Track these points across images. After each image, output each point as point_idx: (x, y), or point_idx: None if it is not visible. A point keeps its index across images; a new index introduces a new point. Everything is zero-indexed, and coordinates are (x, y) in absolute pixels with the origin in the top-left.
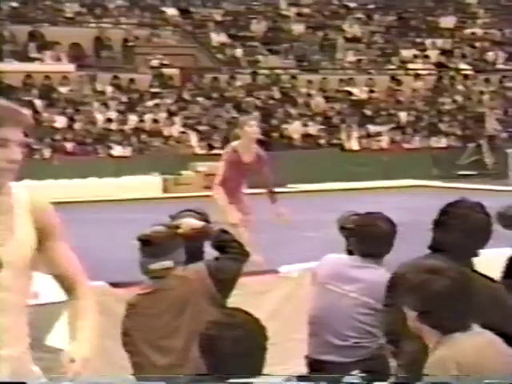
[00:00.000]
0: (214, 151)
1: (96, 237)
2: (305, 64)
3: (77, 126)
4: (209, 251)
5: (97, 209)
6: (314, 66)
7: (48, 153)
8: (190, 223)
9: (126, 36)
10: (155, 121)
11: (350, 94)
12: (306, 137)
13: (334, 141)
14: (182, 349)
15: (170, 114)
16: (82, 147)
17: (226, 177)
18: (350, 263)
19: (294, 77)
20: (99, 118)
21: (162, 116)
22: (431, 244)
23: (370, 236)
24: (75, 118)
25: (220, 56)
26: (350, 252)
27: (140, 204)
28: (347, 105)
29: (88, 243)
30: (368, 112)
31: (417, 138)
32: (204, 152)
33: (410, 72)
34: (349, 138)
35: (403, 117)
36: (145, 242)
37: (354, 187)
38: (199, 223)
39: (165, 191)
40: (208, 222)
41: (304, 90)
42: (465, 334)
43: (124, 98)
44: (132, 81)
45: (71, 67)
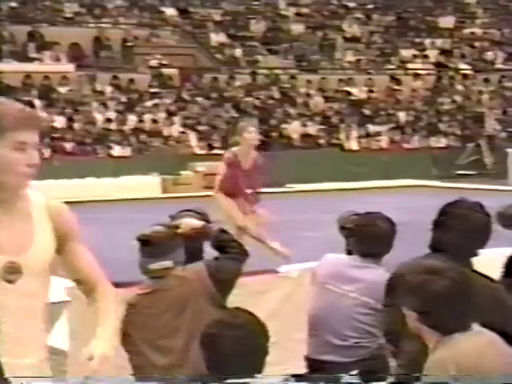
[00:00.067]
0: (214, 151)
1: (95, 237)
2: (304, 64)
3: (76, 126)
4: (209, 251)
5: (96, 209)
6: (313, 66)
7: (47, 153)
8: (189, 223)
9: (126, 36)
10: (154, 121)
11: (349, 93)
12: (305, 137)
13: (334, 141)
14: (182, 349)
15: (170, 114)
16: (82, 147)
17: (227, 181)
18: (349, 263)
19: (293, 77)
20: (98, 118)
21: (161, 116)
22: (431, 244)
23: (369, 236)
24: (74, 118)
25: (219, 56)
26: (349, 252)
27: (139, 204)
28: (346, 105)
29: (87, 243)
30: (367, 112)
31: (416, 137)
32: (203, 152)
33: (410, 72)
34: (348, 137)
35: (402, 117)
36: (144, 242)
37: (354, 187)
38: (199, 223)
39: (164, 191)
40: (208, 221)
41: (303, 90)
42: (464, 335)
43: (123, 98)
44: (131, 81)
45: (70, 67)
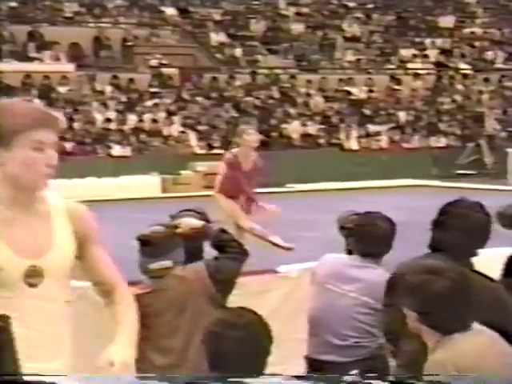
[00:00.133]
0: (214, 151)
1: None
2: (304, 64)
3: (76, 125)
4: (208, 251)
5: (96, 208)
6: (313, 66)
7: None
8: (189, 223)
9: (125, 36)
10: (154, 120)
11: (349, 93)
12: (305, 136)
13: (334, 140)
14: (181, 349)
15: (169, 114)
16: (81, 147)
17: (227, 182)
18: (349, 263)
19: (293, 76)
20: (98, 117)
21: (161, 116)
22: (430, 244)
23: (369, 236)
24: (74, 117)
25: (219, 56)
26: (349, 252)
27: (139, 204)
28: (346, 104)
29: None
30: (367, 112)
31: (416, 137)
32: (203, 152)
33: (410, 71)
34: (348, 137)
35: (402, 116)
36: (144, 242)
37: (354, 187)
38: (198, 223)
39: (164, 191)
40: (207, 221)
41: (303, 90)
42: (464, 335)
43: (123, 98)
44: (131, 80)
45: (70, 67)
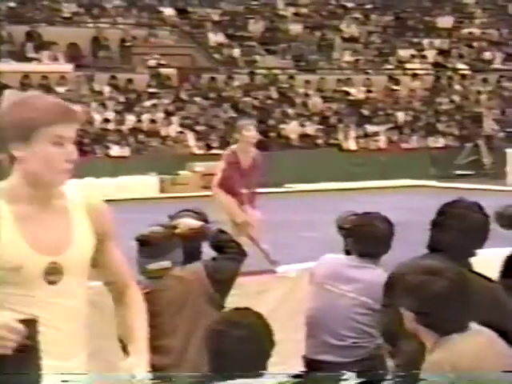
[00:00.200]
0: (212, 151)
1: None
2: (302, 64)
3: None
4: (207, 251)
5: None
6: (311, 66)
7: None
8: (187, 223)
9: (124, 36)
10: (153, 121)
11: (347, 93)
12: (303, 137)
13: (332, 141)
14: (180, 349)
15: (168, 114)
16: (80, 147)
17: (225, 178)
18: (347, 263)
19: (291, 77)
20: (97, 118)
21: (159, 116)
22: (429, 244)
23: (367, 236)
24: None
25: (217, 56)
26: (347, 252)
27: (137, 204)
28: (345, 105)
29: None
30: (365, 112)
31: (414, 137)
32: (201, 152)
33: (408, 72)
34: (346, 137)
35: (401, 117)
36: (142, 243)
37: (352, 187)
38: (197, 223)
39: (162, 191)
40: (206, 221)
41: (302, 90)
42: (462, 335)
43: (121, 98)
44: (129, 81)
45: (69, 67)
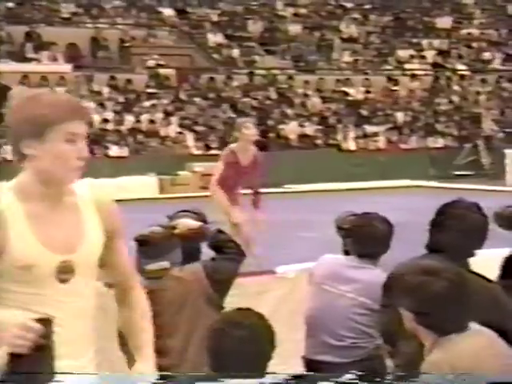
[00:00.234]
0: (211, 151)
1: None
2: (301, 64)
3: None
4: (206, 251)
5: None
6: (310, 67)
7: None
8: (186, 224)
9: (123, 36)
10: (152, 121)
11: (346, 94)
12: (302, 137)
13: (331, 141)
14: (180, 349)
15: (167, 115)
16: None
17: (224, 177)
18: (346, 263)
19: (290, 77)
20: (96, 118)
21: (158, 116)
22: (428, 244)
23: (366, 236)
24: None
25: (216, 56)
26: (346, 252)
27: (136, 204)
28: (344, 105)
29: None
30: (365, 112)
31: (413, 138)
32: (200, 152)
33: (407, 72)
34: (345, 138)
35: (400, 117)
36: (141, 243)
37: (351, 187)
38: (196, 224)
39: (161, 191)
40: (205, 222)
41: (301, 91)
42: (461, 335)
43: (121, 99)
44: (129, 81)
45: (68, 68)
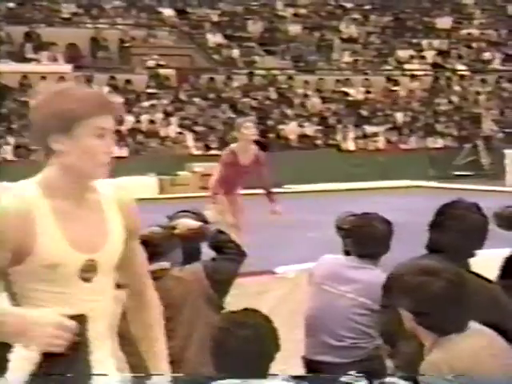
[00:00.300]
0: (211, 152)
1: None
2: (301, 65)
3: None
4: (206, 252)
5: None
6: (310, 67)
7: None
8: (186, 224)
9: (123, 37)
10: (151, 121)
11: (346, 94)
12: (302, 137)
13: (331, 141)
14: (179, 349)
15: (167, 115)
16: None
17: (224, 177)
18: (346, 264)
19: (290, 77)
20: None
21: (158, 117)
22: (428, 245)
23: (366, 237)
24: None
25: (216, 57)
26: (347, 253)
27: (136, 204)
28: (343, 105)
29: None
30: (364, 112)
31: (413, 138)
32: (200, 153)
33: (407, 72)
34: (345, 138)
35: (399, 117)
36: (141, 243)
37: (351, 188)
38: (196, 224)
39: (161, 192)
40: (205, 222)
41: (300, 91)
42: (460, 336)
43: (120, 99)
44: (128, 81)
45: (68, 68)
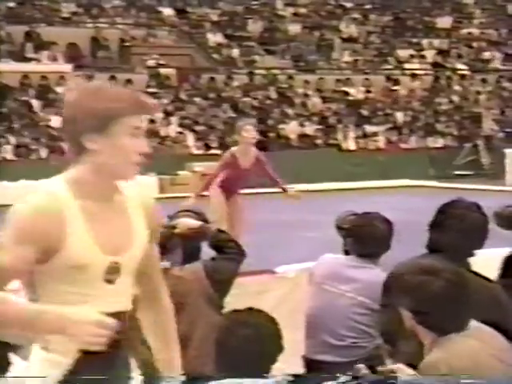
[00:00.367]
0: (211, 151)
1: None
2: (301, 64)
3: None
4: (206, 251)
5: None
6: (310, 66)
7: (45, 153)
8: (186, 223)
9: (123, 36)
10: (152, 121)
11: (346, 94)
12: (302, 137)
13: (331, 141)
14: (179, 349)
15: (167, 114)
16: None
17: (224, 180)
18: (346, 263)
19: (290, 77)
20: None
21: (158, 116)
22: (428, 244)
23: (366, 236)
24: None
25: (216, 56)
26: (347, 252)
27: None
28: (344, 105)
29: None
30: (365, 112)
31: (413, 138)
32: (201, 152)
33: (407, 72)
34: (345, 138)
35: (400, 117)
36: None
37: (351, 187)
38: (196, 223)
39: (161, 191)
40: (205, 221)
41: (301, 90)
42: (461, 335)
43: None
44: (129, 81)
45: (68, 67)
